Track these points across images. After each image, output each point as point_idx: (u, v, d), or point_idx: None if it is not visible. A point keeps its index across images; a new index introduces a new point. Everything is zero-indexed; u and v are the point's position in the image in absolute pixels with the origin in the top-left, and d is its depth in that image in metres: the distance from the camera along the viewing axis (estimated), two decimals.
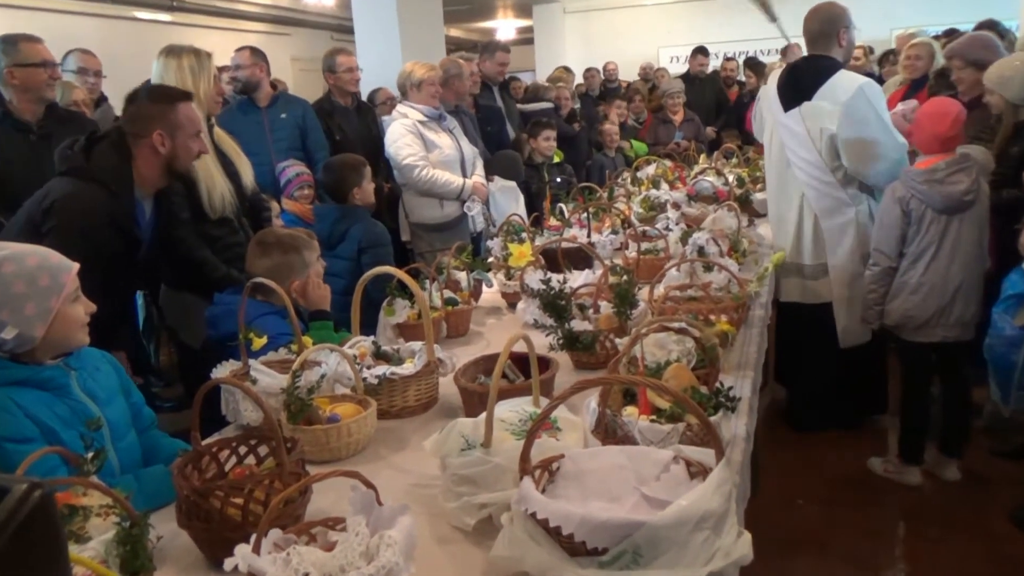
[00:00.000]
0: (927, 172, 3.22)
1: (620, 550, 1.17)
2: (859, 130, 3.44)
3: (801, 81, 3.62)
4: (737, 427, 1.80)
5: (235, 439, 1.57)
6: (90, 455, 1.37)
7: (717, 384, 1.73)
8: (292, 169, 4.24)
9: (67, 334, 1.64)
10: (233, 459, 1.56)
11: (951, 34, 6.47)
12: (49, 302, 1.58)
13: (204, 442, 1.57)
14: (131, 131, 2.50)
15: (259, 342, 2.10)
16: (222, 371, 2.02)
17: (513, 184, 4.87)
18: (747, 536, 1.25)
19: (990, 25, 5.15)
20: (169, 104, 2.51)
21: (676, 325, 1.85)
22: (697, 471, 1.35)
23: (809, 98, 3.54)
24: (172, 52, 2.93)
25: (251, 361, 2.02)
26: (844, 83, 3.47)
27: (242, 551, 1.12)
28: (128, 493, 1.26)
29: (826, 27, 3.57)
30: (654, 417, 1.61)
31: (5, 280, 1.55)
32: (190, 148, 2.55)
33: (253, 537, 1.14)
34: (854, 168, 3.53)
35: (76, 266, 1.67)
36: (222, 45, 8.26)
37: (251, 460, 1.57)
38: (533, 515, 1.22)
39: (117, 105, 5.03)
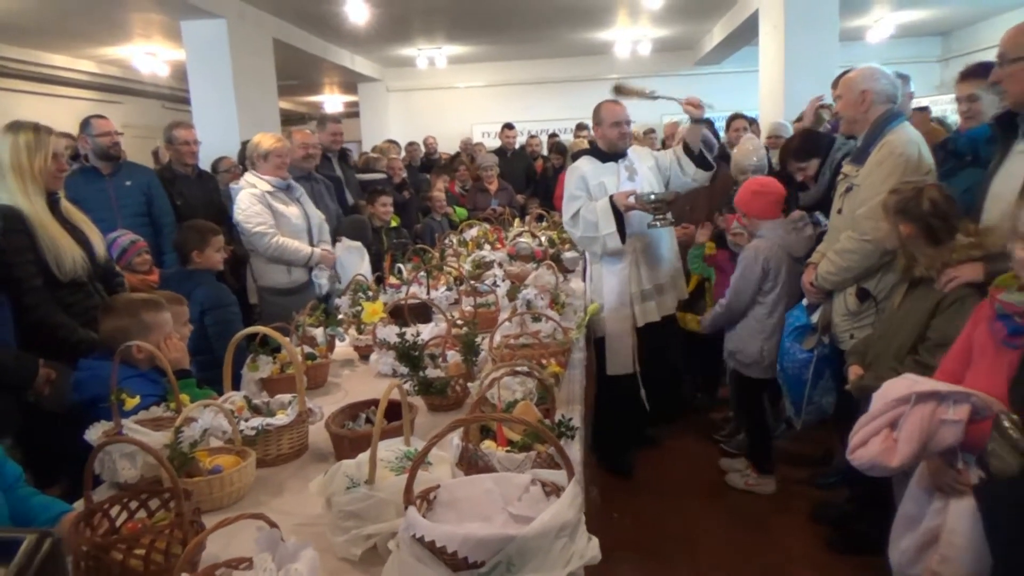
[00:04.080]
0: (789, 222, 3.55)
1: (496, 561, 1.26)
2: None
3: None
4: (573, 452, 1.96)
5: (127, 495, 1.50)
6: None
7: (558, 416, 1.87)
8: (125, 238, 3.87)
9: None
10: (124, 515, 1.49)
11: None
12: None
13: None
14: None
15: (131, 402, 2.01)
16: (94, 432, 1.91)
17: (359, 244, 4.88)
18: (595, 540, 1.38)
19: (739, 115, 5.85)
20: None
21: (522, 369, 1.99)
22: (551, 490, 1.47)
23: None
24: (12, 128, 2.77)
25: (124, 421, 1.93)
26: None
27: None
28: None
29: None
30: (509, 448, 1.72)
31: None
32: None
33: None
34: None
35: None
36: (49, 113, 7.65)
37: (142, 514, 1.50)
38: (420, 539, 1.28)
39: None
